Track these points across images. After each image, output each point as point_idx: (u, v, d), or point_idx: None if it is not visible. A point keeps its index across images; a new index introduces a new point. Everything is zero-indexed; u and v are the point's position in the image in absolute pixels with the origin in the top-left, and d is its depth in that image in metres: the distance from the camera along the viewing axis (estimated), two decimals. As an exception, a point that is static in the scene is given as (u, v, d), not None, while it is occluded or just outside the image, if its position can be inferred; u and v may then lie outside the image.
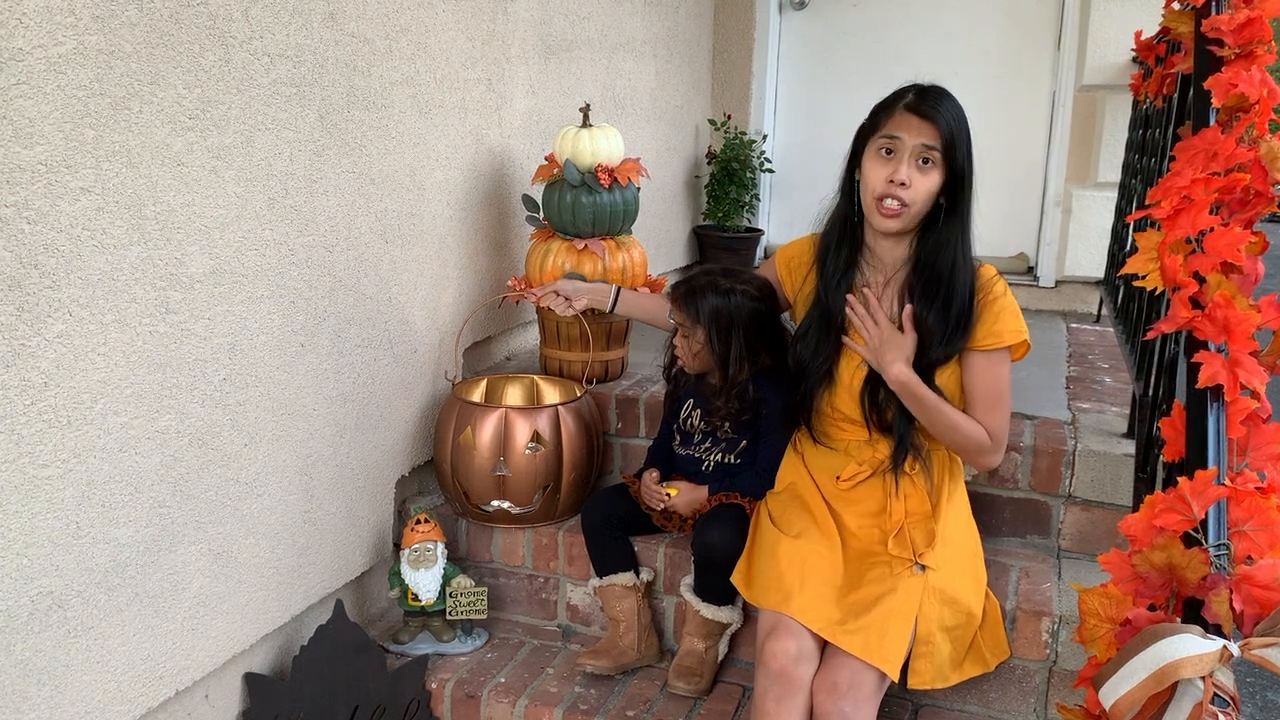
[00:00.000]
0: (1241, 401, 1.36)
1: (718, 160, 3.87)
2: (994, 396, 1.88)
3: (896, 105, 1.84)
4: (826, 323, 1.96)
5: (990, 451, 1.89)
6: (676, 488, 2.12)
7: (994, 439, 1.88)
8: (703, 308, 2.07)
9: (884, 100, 1.88)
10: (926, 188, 1.81)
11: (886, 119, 1.84)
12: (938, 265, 1.86)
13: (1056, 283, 3.70)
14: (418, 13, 2.18)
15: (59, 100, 1.39)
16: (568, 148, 2.47)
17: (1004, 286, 1.90)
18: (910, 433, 1.90)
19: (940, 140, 1.80)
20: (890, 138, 1.82)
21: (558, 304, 2.36)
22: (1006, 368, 1.90)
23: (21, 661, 1.45)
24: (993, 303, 1.87)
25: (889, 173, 1.81)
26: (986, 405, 1.88)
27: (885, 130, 1.83)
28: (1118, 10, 3.47)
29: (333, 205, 1.98)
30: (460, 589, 2.18)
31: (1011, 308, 1.88)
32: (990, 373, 1.88)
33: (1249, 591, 1.19)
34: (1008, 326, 1.86)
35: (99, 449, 1.53)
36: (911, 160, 1.81)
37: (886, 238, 1.90)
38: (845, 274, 1.95)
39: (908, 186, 1.80)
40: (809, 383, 1.97)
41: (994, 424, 1.88)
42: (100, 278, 1.49)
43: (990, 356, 1.87)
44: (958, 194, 1.84)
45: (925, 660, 1.79)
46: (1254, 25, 1.62)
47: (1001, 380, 1.89)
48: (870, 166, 1.85)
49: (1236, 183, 1.49)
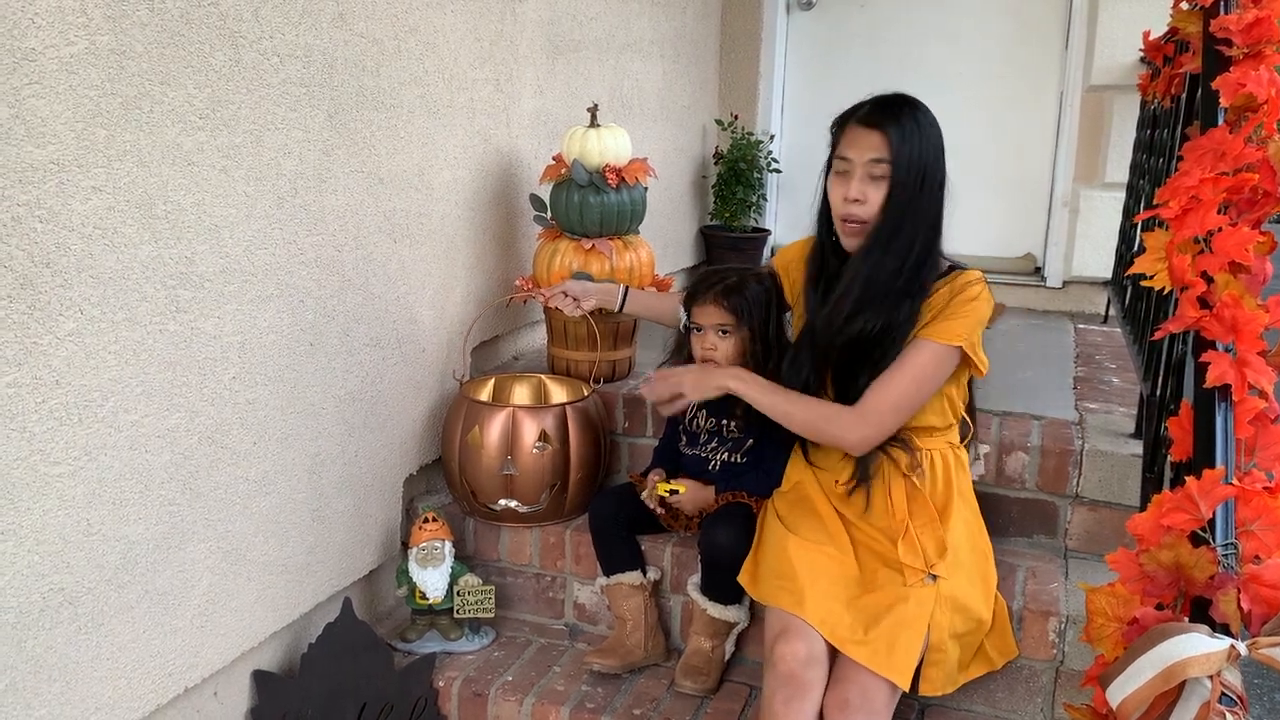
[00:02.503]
0: (1249, 401, 1.36)
1: (725, 160, 3.87)
2: (899, 371, 1.82)
3: (847, 122, 1.85)
4: (814, 350, 1.94)
5: (839, 423, 1.84)
6: (684, 484, 2.12)
7: (860, 409, 1.83)
8: (749, 303, 2.05)
9: (837, 118, 1.88)
10: (880, 200, 1.81)
11: (840, 136, 1.86)
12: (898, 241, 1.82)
13: (1064, 283, 3.69)
14: (426, 13, 2.19)
15: (71, 100, 1.40)
16: (575, 148, 2.48)
17: (979, 290, 1.85)
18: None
19: (889, 150, 1.79)
20: (842, 157, 1.84)
21: (566, 304, 2.35)
22: (939, 370, 1.84)
23: (33, 658, 1.46)
24: (958, 302, 1.83)
25: (844, 191, 1.83)
26: (888, 375, 1.82)
27: (839, 149, 1.85)
28: (1125, 10, 3.47)
29: (341, 204, 1.98)
30: (468, 587, 2.19)
31: (973, 313, 1.83)
32: (919, 360, 1.82)
33: (1256, 591, 1.18)
34: (958, 326, 1.82)
35: (109, 447, 1.54)
36: (863, 175, 1.81)
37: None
38: (825, 297, 1.93)
39: (862, 202, 1.81)
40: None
41: (877, 395, 1.82)
42: (111, 276, 1.50)
43: (927, 345, 1.82)
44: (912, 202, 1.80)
45: (937, 668, 1.79)
46: (1262, 25, 1.62)
47: (917, 366, 1.82)
48: (831, 187, 1.87)
49: (1245, 182, 1.49)
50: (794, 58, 4.06)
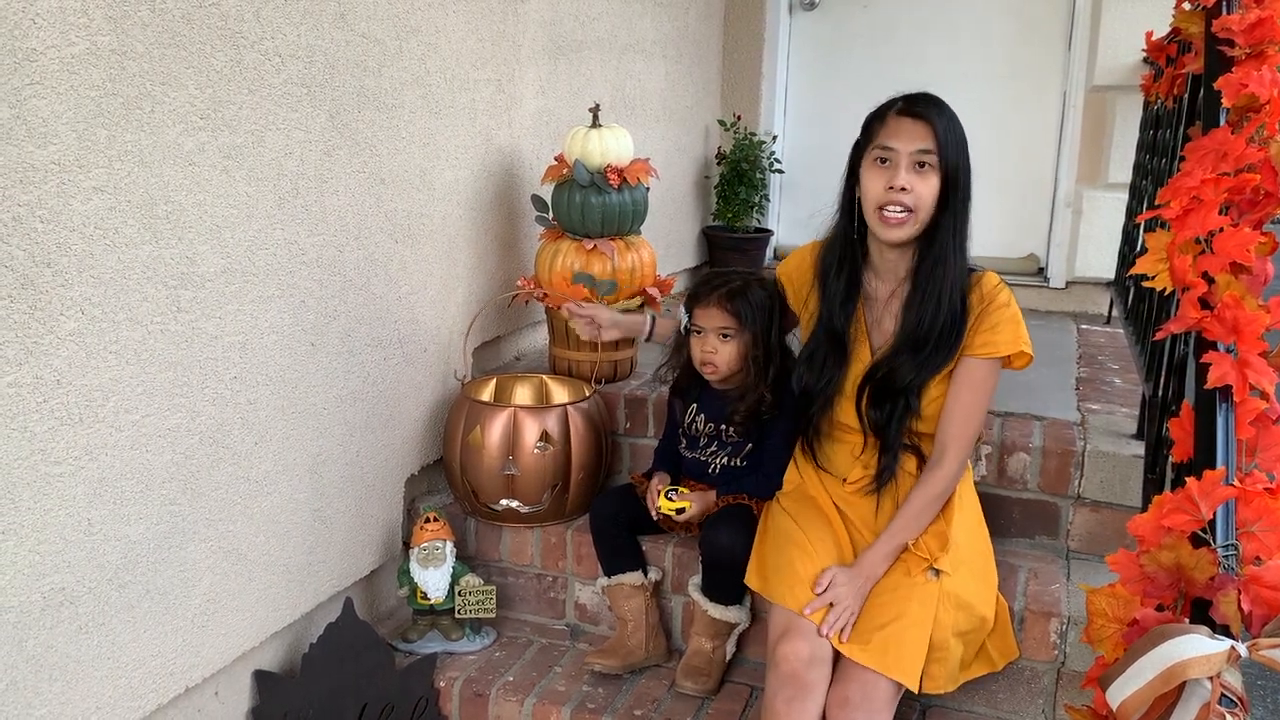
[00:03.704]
0: (1250, 402, 1.36)
1: (727, 161, 3.87)
2: (973, 407, 1.85)
3: (888, 113, 1.83)
4: (833, 344, 1.93)
5: (952, 482, 1.87)
6: (688, 501, 2.10)
7: (957, 457, 1.85)
8: (752, 308, 2.04)
9: (874, 111, 1.87)
10: (928, 191, 1.80)
11: (880, 128, 1.83)
12: (935, 273, 1.84)
13: (1067, 284, 3.69)
14: (428, 13, 2.19)
15: (72, 100, 1.40)
16: (577, 148, 2.48)
17: (1008, 296, 1.87)
18: (899, 438, 1.88)
19: (935, 141, 1.78)
20: (884, 147, 1.81)
21: (584, 328, 2.28)
22: (995, 379, 1.87)
23: (33, 657, 1.46)
24: (993, 311, 1.84)
25: (887, 180, 1.80)
26: (964, 415, 1.85)
27: (879, 140, 1.82)
28: (1128, 11, 3.46)
29: (343, 205, 1.99)
30: (469, 588, 2.19)
31: (1014, 318, 1.85)
32: (977, 380, 1.85)
33: (1257, 592, 1.18)
34: (1004, 336, 1.83)
35: (110, 446, 1.54)
36: (909, 165, 1.79)
37: (891, 249, 1.87)
38: (849, 293, 1.93)
39: (909, 191, 1.79)
40: (817, 405, 1.95)
41: (964, 438, 1.85)
42: (112, 276, 1.50)
43: (983, 364, 1.85)
44: (952, 197, 1.81)
45: (939, 665, 1.79)
46: (1265, 25, 1.62)
47: (985, 390, 1.86)
48: (868, 178, 1.84)
49: (1246, 183, 1.49)
50: (797, 58, 4.06)
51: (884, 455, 1.89)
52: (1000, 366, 1.88)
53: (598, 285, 2.45)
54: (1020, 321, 1.86)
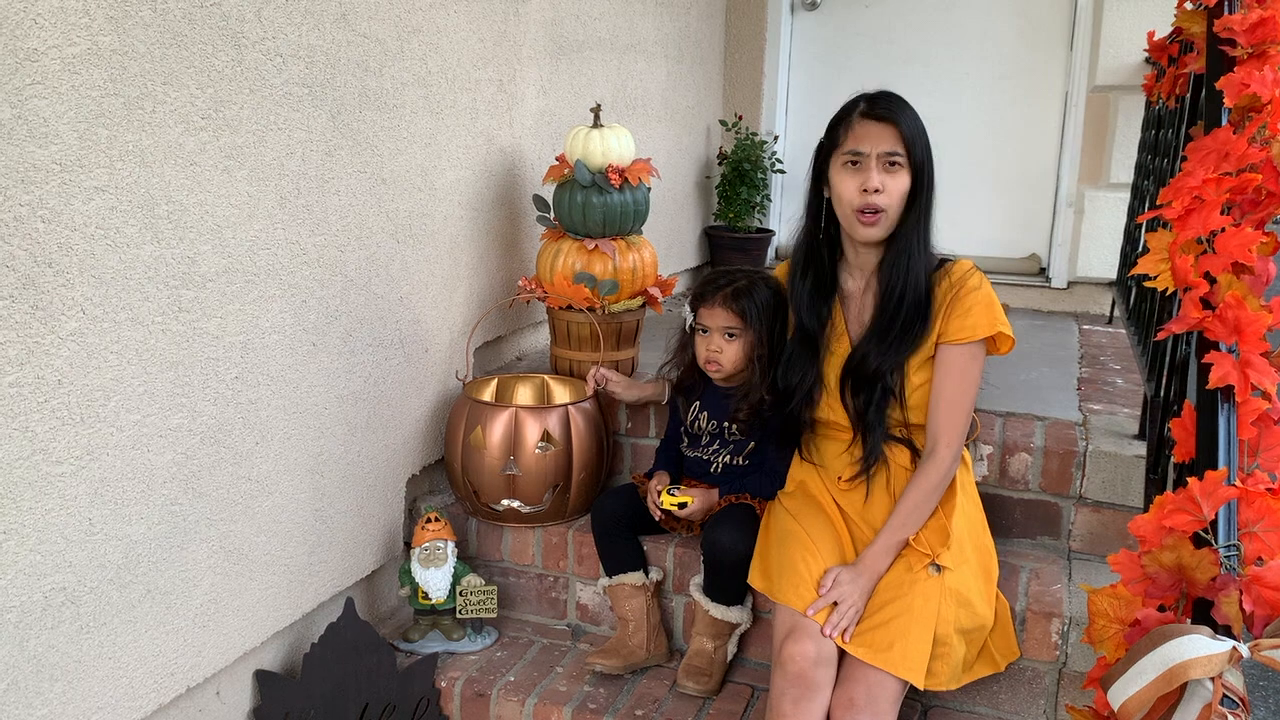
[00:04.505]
0: (1252, 402, 1.36)
1: (729, 161, 3.87)
2: (958, 394, 1.87)
3: (852, 115, 1.86)
4: (805, 344, 1.97)
5: (947, 472, 1.88)
6: (690, 496, 2.11)
7: (949, 447, 1.87)
8: (758, 307, 2.05)
9: (837, 114, 1.90)
10: (899, 189, 1.84)
11: (845, 131, 1.86)
12: (900, 263, 1.88)
13: (1069, 284, 3.68)
14: (430, 14, 2.19)
15: (73, 100, 1.40)
16: (579, 148, 2.48)
17: (979, 280, 1.89)
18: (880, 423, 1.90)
19: (903, 143, 1.82)
20: (854, 151, 1.84)
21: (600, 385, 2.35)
22: (978, 366, 1.89)
23: (34, 657, 1.46)
24: (964, 296, 1.87)
25: (860, 182, 1.84)
26: (950, 404, 1.87)
27: (847, 144, 1.85)
28: (1130, 11, 3.46)
29: (344, 205, 1.99)
30: (470, 588, 2.19)
31: (986, 300, 1.87)
32: (958, 367, 1.87)
33: (1259, 593, 1.18)
34: (979, 319, 1.86)
35: (111, 446, 1.54)
36: (880, 166, 1.82)
37: (866, 246, 1.91)
38: (817, 293, 1.97)
39: (881, 192, 1.82)
40: (795, 403, 1.98)
41: (953, 427, 1.87)
42: (114, 276, 1.50)
43: (962, 350, 1.87)
44: (920, 192, 1.85)
45: (942, 661, 1.79)
46: (1267, 25, 1.62)
47: (969, 377, 1.87)
48: (840, 180, 1.87)
49: (1248, 183, 1.49)
50: (798, 58, 4.06)
51: (867, 439, 1.91)
52: (983, 352, 1.89)
53: (599, 285, 2.45)
54: (995, 304, 1.88)
